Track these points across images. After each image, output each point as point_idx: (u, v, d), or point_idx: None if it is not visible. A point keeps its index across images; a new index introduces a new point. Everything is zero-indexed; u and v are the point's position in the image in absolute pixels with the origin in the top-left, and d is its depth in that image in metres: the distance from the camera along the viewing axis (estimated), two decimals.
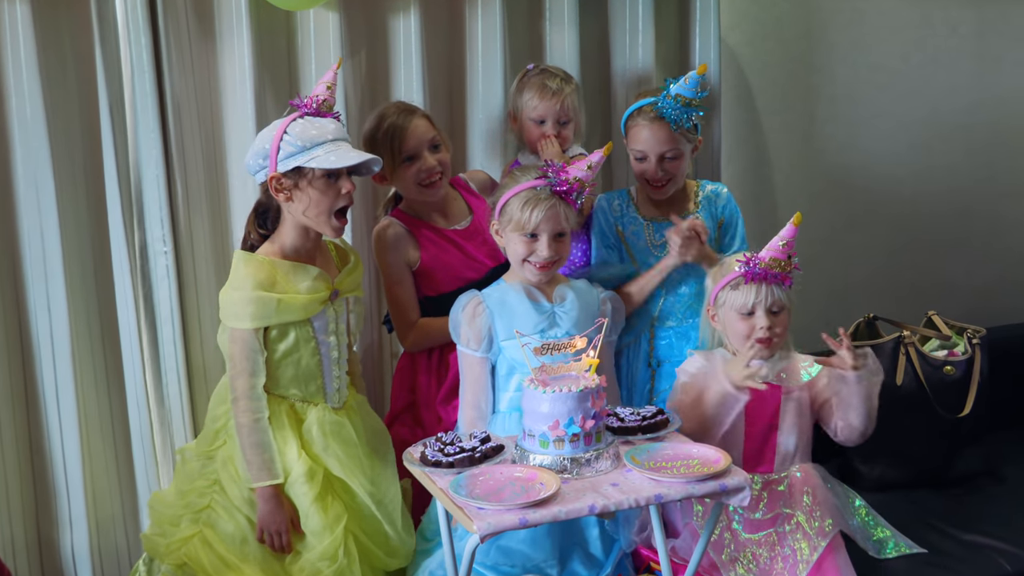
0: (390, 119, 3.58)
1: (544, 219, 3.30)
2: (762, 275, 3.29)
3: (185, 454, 3.41)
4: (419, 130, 3.59)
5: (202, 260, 3.76)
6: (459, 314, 3.41)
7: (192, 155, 3.70)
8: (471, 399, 3.42)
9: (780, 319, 3.33)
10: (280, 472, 3.18)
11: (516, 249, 3.35)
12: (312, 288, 3.21)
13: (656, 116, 3.61)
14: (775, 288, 3.30)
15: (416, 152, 3.58)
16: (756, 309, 3.31)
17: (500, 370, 3.41)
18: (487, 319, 3.37)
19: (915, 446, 3.87)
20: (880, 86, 4.74)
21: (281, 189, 3.17)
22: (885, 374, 3.61)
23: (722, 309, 3.39)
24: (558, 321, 3.38)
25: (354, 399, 3.42)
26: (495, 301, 3.39)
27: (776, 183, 4.68)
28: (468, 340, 3.39)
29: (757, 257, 3.31)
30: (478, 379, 3.41)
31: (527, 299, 3.38)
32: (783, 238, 3.30)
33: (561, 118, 3.77)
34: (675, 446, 3.08)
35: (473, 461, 2.95)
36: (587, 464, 2.95)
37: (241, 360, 3.17)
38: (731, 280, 3.36)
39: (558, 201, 3.32)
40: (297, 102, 3.22)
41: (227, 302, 3.19)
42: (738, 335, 3.35)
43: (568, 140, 3.80)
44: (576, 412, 2.93)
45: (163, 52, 3.59)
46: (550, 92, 3.75)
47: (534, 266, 3.35)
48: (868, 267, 4.85)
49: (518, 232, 3.33)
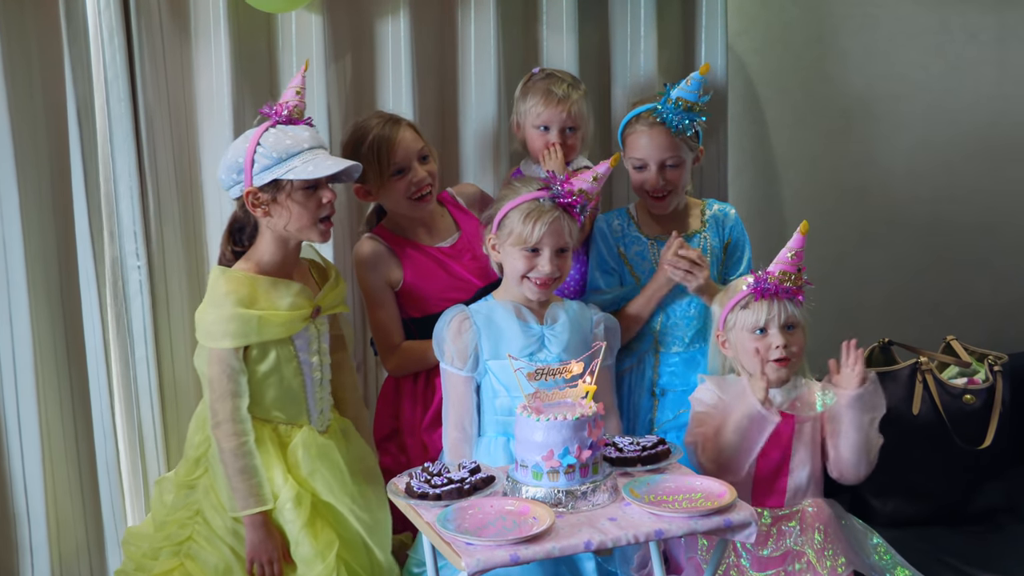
0: (375, 131, 3.58)
1: (547, 233, 3.29)
2: (773, 290, 3.28)
3: (163, 485, 3.40)
4: (407, 141, 3.59)
5: (175, 276, 3.75)
6: (444, 330, 3.39)
7: (164, 165, 3.69)
8: (455, 419, 3.40)
9: (795, 337, 3.32)
10: (269, 498, 3.18)
11: (515, 265, 3.34)
12: (294, 304, 3.22)
13: (655, 121, 3.61)
14: (787, 303, 3.29)
15: (405, 164, 3.58)
16: (769, 326, 3.30)
17: (485, 392, 3.40)
18: (473, 336, 3.36)
19: (932, 480, 3.86)
20: (896, 96, 4.75)
21: (258, 204, 3.17)
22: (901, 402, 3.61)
23: (732, 332, 3.37)
24: (547, 344, 3.37)
25: (339, 423, 3.41)
26: (482, 318, 3.38)
27: (785, 199, 4.68)
28: (452, 358, 3.38)
29: (766, 272, 3.30)
30: (462, 399, 3.39)
31: (515, 319, 3.37)
32: (791, 249, 3.29)
33: (567, 125, 3.75)
34: (677, 478, 3.06)
35: (462, 493, 2.93)
36: (583, 497, 2.94)
37: (222, 382, 3.16)
38: (740, 300, 3.34)
39: (562, 214, 3.32)
40: (267, 110, 3.22)
41: (205, 321, 3.19)
42: (752, 357, 3.33)
43: (575, 149, 3.79)
44: (572, 441, 2.92)
45: (136, 55, 3.59)
46: (555, 98, 3.73)
47: (534, 283, 3.34)
48: (883, 288, 4.85)
49: (518, 246, 3.32)
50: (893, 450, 3.40)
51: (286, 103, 3.23)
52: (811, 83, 4.65)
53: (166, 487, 3.38)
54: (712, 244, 3.71)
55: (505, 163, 4.03)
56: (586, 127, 3.81)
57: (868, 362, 3.94)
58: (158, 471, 3.72)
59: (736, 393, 3.32)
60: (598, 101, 4.21)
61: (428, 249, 3.68)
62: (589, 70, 4.17)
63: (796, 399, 3.38)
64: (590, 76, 4.17)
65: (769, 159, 4.66)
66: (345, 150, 3.61)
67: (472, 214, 3.77)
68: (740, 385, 3.34)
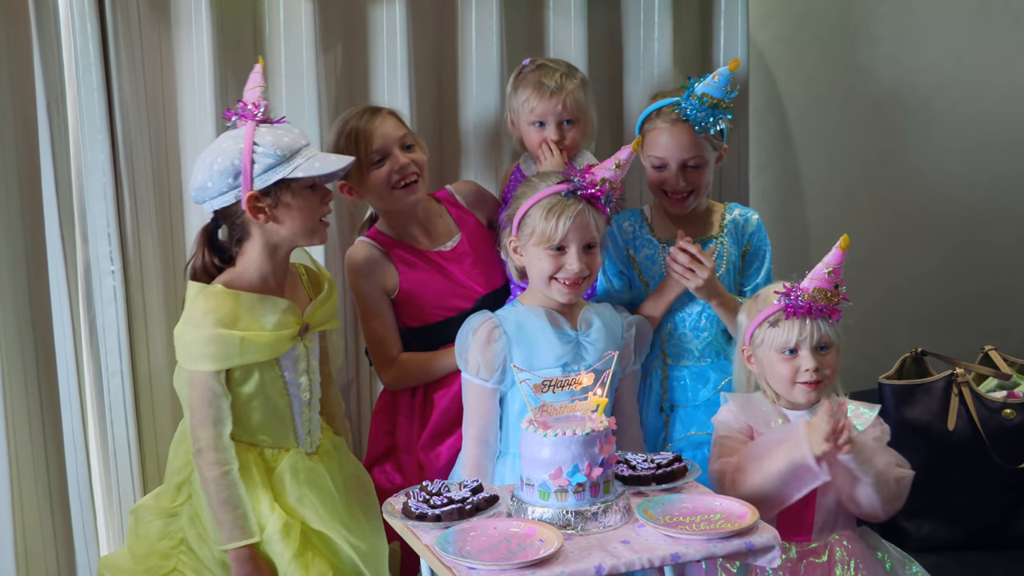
0: (352, 122, 3.59)
1: (572, 227, 3.30)
2: (806, 308, 3.24)
3: (140, 513, 3.37)
4: (386, 127, 3.60)
5: (153, 281, 3.74)
6: (469, 337, 3.38)
7: (141, 161, 3.69)
8: (476, 433, 3.40)
9: (828, 358, 3.28)
10: (255, 530, 3.16)
11: (541, 266, 3.34)
12: (280, 324, 3.19)
13: (678, 118, 3.60)
14: (821, 323, 3.25)
15: (385, 150, 3.58)
16: (800, 347, 3.26)
17: (511, 406, 3.41)
18: (503, 346, 3.36)
19: (969, 501, 3.86)
20: (931, 87, 4.75)
21: (260, 210, 3.14)
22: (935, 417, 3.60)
23: (760, 349, 3.34)
24: (583, 353, 3.38)
25: (330, 442, 3.40)
26: (512, 326, 3.38)
27: (809, 199, 4.68)
28: (478, 368, 3.37)
29: (799, 288, 3.26)
30: (487, 412, 3.39)
31: (550, 326, 3.37)
32: (828, 265, 3.25)
33: (564, 118, 3.74)
34: (694, 498, 3.06)
35: (463, 514, 2.93)
36: (594, 518, 2.92)
37: (202, 407, 3.14)
38: (769, 315, 3.31)
39: (586, 207, 3.32)
40: (243, 111, 3.19)
41: (183, 341, 3.17)
42: (780, 379, 3.30)
43: (576, 143, 3.78)
44: (581, 458, 2.90)
45: (110, 42, 3.58)
46: (548, 90, 3.72)
47: (563, 283, 3.34)
48: (916, 294, 4.85)
49: (542, 245, 3.32)
50: (927, 469, 3.39)
51: (260, 103, 3.20)
52: (838, 74, 4.66)
53: (144, 515, 3.35)
54: (729, 251, 3.70)
55: (506, 159, 4.03)
56: (587, 119, 3.79)
57: (899, 374, 3.94)
58: (133, 496, 3.70)
59: (762, 419, 3.29)
60: (608, 93, 4.22)
61: (427, 253, 3.67)
62: (599, 60, 4.18)
63: None
64: (600, 67, 4.18)
65: (792, 156, 4.67)
66: (328, 146, 3.62)
67: (472, 213, 3.77)
68: (766, 409, 3.32)
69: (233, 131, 3.18)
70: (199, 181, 3.16)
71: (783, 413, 3.30)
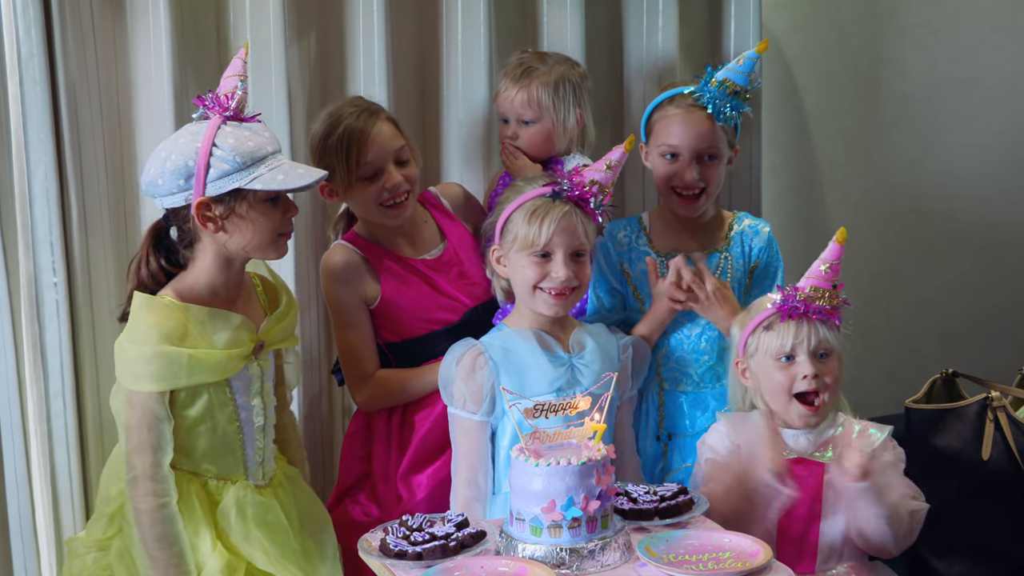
0: (346, 121, 3.57)
1: (557, 231, 3.30)
2: (802, 309, 3.26)
3: (73, 547, 3.36)
4: (383, 137, 3.58)
5: (103, 295, 3.73)
6: (452, 368, 3.39)
7: (91, 162, 3.68)
8: (466, 474, 3.42)
9: (828, 366, 3.29)
10: (192, 570, 3.14)
11: (524, 275, 3.35)
12: (232, 341, 3.17)
13: (694, 103, 3.59)
14: (819, 326, 3.26)
15: (378, 165, 3.57)
16: (797, 351, 3.27)
17: (503, 439, 3.41)
18: (490, 374, 3.37)
19: (1006, 537, 3.85)
20: (964, 81, 4.78)
21: (211, 218, 3.11)
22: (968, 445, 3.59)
23: (754, 359, 3.36)
24: (578, 376, 3.38)
25: (283, 473, 3.39)
26: (499, 351, 3.38)
27: (829, 203, 4.70)
28: (464, 400, 3.39)
29: (794, 288, 3.29)
30: (475, 448, 3.40)
31: (539, 349, 3.38)
32: (826, 261, 3.27)
33: (521, 116, 3.76)
34: (701, 534, 3.05)
35: (447, 551, 2.92)
36: (590, 556, 2.91)
37: (140, 431, 3.11)
38: (763, 320, 3.33)
39: (573, 209, 3.33)
40: (212, 102, 3.15)
41: (124, 358, 3.14)
42: (777, 389, 3.31)
43: (536, 148, 3.77)
44: (577, 490, 2.89)
45: (56, 28, 3.57)
46: (512, 84, 3.76)
47: (548, 294, 3.34)
48: (946, 309, 4.87)
49: (526, 251, 3.33)
50: (959, 502, 3.40)
51: (232, 93, 3.17)
52: (861, 66, 4.68)
53: (77, 549, 3.33)
54: (734, 266, 3.70)
55: (496, 161, 4.04)
56: (557, 120, 3.77)
57: (929, 397, 3.94)
58: (74, 528, 3.69)
59: (752, 437, 3.29)
60: (608, 88, 4.24)
61: (410, 261, 3.68)
62: (597, 52, 4.20)
63: (830, 441, 3.35)
64: (598, 59, 4.20)
65: (810, 157, 4.70)
66: (313, 140, 3.61)
67: (458, 219, 3.77)
68: (758, 426, 3.32)
69: (196, 125, 3.13)
70: (151, 175, 3.12)
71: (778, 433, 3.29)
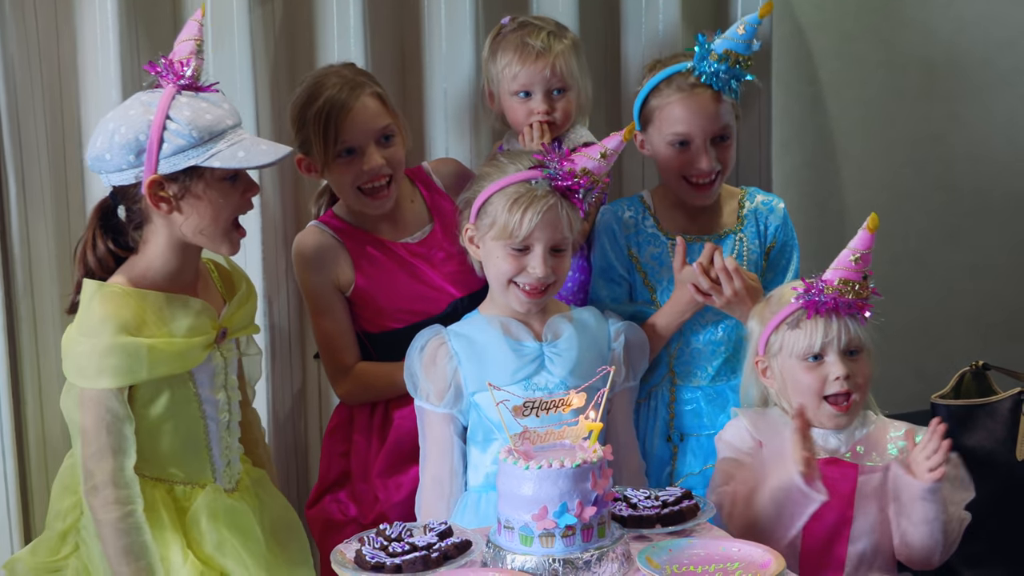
0: (328, 92, 3.58)
1: (540, 225, 3.30)
2: (831, 304, 3.25)
3: (14, 569, 3.34)
4: (366, 114, 3.59)
5: (46, 287, 3.74)
6: (414, 359, 3.42)
7: (31, 137, 3.68)
8: (432, 471, 3.44)
9: (859, 365, 3.29)
10: None
11: (499, 266, 3.35)
12: (193, 328, 3.16)
13: (696, 83, 3.58)
14: (849, 321, 3.25)
15: (358, 144, 3.58)
16: (826, 351, 3.27)
17: (475, 434, 3.43)
18: (451, 364, 3.38)
19: None
20: (994, 45, 4.78)
21: (163, 198, 3.10)
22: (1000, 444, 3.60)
23: (777, 358, 3.35)
24: (548, 366, 3.38)
25: (249, 476, 3.40)
26: (462, 340, 3.40)
27: (846, 181, 4.72)
28: (427, 392, 3.41)
29: (822, 280, 3.27)
30: (439, 444, 3.43)
31: (503, 337, 3.38)
32: (855, 251, 3.26)
33: (553, 86, 3.75)
34: (707, 543, 3.03)
35: (428, 563, 2.90)
36: (586, 568, 2.90)
37: (99, 434, 3.09)
38: (787, 316, 3.32)
39: (559, 201, 3.32)
40: (165, 69, 3.13)
41: (75, 353, 3.12)
42: (805, 392, 3.30)
43: (568, 117, 3.79)
44: (571, 495, 2.89)
45: None
46: (533, 52, 3.74)
47: (521, 290, 3.35)
48: (975, 296, 4.89)
49: (502, 241, 3.33)
50: (991, 507, 3.40)
51: (187, 60, 3.15)
52: (882, 29, 4.69)
53: (19, 572, 3.31)
54: (749, 247, 3.71)
55: (486, 134, 4.06)
56: (581, 87, 3.81)
57: (957, 392, 3.93)
58: (11, 548, 3.70)
59: (775, 431, 3.29)
60: (604, 56, 4.28)
61: (390, 245, 3.69)
62: (592, 16, 4.23)
63: (861, 441, 3.35)
64: (593, 28, 4.23)
65: (825, 130, 4.71)
66: (294, 107, 3.63)
67: (450, 198, 3.76)
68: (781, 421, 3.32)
69: (148, 95, 3.12)
70: (97, 149, 3.10)
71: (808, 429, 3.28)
